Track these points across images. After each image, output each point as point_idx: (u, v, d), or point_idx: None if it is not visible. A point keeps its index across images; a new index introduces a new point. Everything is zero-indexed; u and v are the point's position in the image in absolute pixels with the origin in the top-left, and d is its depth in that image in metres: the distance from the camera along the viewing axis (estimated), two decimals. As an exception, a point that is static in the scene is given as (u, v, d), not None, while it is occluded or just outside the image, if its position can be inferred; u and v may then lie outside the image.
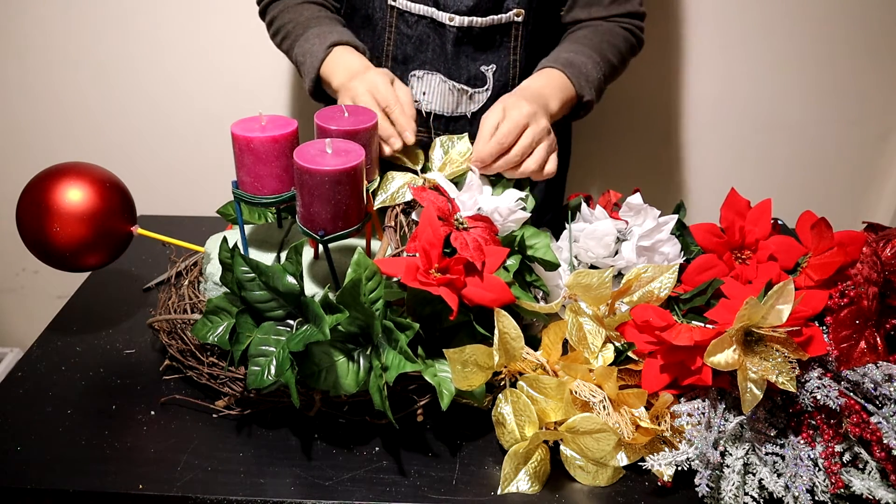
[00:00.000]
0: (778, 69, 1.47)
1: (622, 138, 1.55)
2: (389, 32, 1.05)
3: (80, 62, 1.46)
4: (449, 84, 1.05)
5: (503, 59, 1.06)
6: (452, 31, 1.02)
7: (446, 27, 1.02)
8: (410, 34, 1.04)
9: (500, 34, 1.04)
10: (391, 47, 1.06)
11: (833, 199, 1.62)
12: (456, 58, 1.04)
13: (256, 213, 0.92)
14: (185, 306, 0.83)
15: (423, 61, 1.06)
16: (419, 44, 1.05)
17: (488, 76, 1.06)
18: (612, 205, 0.97)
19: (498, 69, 1.06)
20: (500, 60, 1.06)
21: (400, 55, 1.06)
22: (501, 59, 1.06)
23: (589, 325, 0.76)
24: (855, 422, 0.68)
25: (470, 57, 1.05)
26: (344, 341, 0.72)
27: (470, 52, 1.04)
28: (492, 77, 1.06)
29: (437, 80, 1.05)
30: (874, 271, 0.73)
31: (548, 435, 0.71)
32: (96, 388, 0.81)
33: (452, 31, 1.02)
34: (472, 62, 1.05)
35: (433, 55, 1.05)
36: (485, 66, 1.05)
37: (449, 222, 0.78)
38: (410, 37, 1.05)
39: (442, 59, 1.05)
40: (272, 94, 1.49)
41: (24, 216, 0.81)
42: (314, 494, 0.69)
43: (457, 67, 1.05)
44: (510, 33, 1.04)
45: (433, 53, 1.05)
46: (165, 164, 1.57)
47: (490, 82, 1.06)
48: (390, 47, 1.06)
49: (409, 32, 1.04)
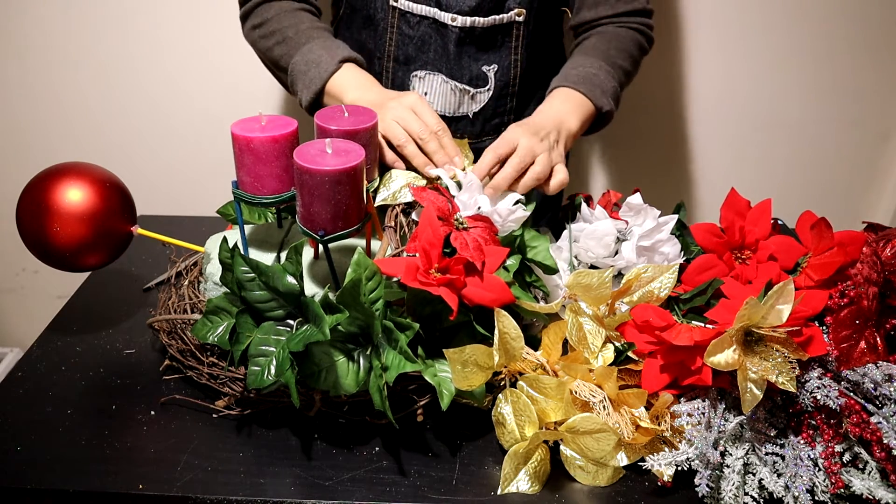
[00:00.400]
0: (778, 68, 1.47)
1: (622, 138, 1.55)
2: (391, 33, 1.05)
3: (80, 62, 1.46)
4: (451, 84, 1.05)
5: (504, 59, 1.06)
6: (455, 32, 1.02)
7: (448, 27, 1.02)
8: (412, 35, 1.04)
9: (501, 34, 1.04)
10: (393, 48, 1.06)
11: (833, 199, 1.62)
12: (458, 58, 1.04)
13: (256, 213, 0.92)
14: (185, 306, 0.83)
15: (425, 62, 1.06)
16: (421, 44, 1.05)
17: (490, 76, 1.06)
18: (612, 205, 0.97)
19: (499, 69, 1.06)
20: (502, 60, 1.06)
21: (402, 56, 1.06)
22: (503, 58, 1.06)
23: (589, 325, 0.76)
24: (855, 422, 0.68)
25: (472, 57, 1.05)
26: (344, 341, 0.72)
27: (472, 53, 1.04)
28: (493, 77, 1.06)
29: (438, 81, 1.05)
30: (874, 271, 0.73)
31: (548, 435, 0.71)
32: (96, 388, 0.81)
33: (455, 32, 1.02)
34: (474, 62, 1.05)
35: (435, 56, 1.05)
36: (486, 65, 1.05)
37: (449, 222, 0.78)
38: (412, 37, 1.04)
39: (444, 59, 1.05)
40: (272, 94, 1.49)
41: (24, 216, 0.81)
42: (314, 494, 0.69)
43: (459, 68, 1.05)
44: (511, 33, 1.04)
45: (435, 54, 1.05)
46: (165, 164, 1.57)
47: (492, 82, 1.07)
48: (392, 48, 1.06)
49: (411, 33, 1.04)
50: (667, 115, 1.53)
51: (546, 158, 0.88)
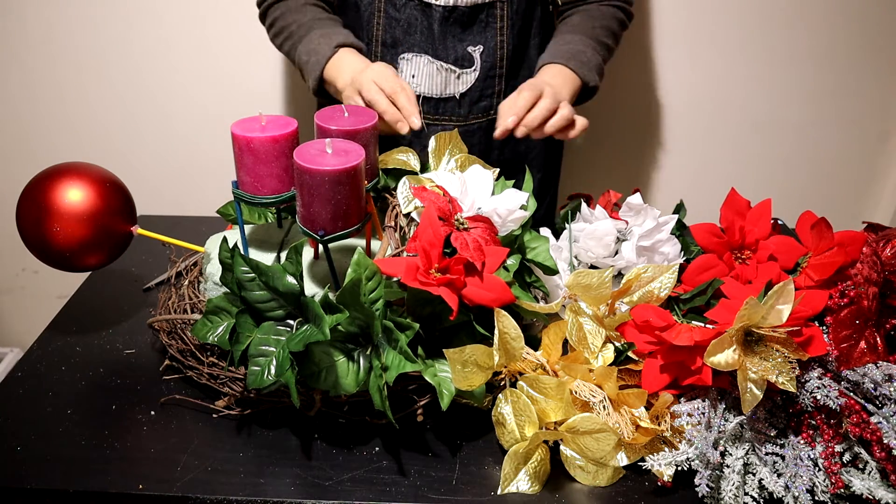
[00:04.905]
0: (778, 69, 1.47)
1: (622, 138, 1.55)
2: (378, 17, 1.07)
3: (80, 62, 1.47)
4: (436, 65, 1.07)
5: (490, 40, 1.08)
6: (438, 11, 1.05)
7: (433, 7, 1.04)
8: (399, 17, 1.06)
9: (485, 14, 1.06)
10: (380, 31, 1.08)
11: (833, 199, 1.62)
12: (443, 38, 1.06)
13: (256, 213, 0.92)
14: (185, 306, 0.83)
15: (412, 44, 1.08)
16: (407, 27, 1.07)
17: (476, 56, 1.08)
18: (612, 205, 0.97)
19: (485, 49, 1.08)
20: (487, 41, 1.08)
21: (389, 39, 1.08)
22: (488, 39, 1.08)
23: (589, 325, 0.76)
24: (855, 422, 0.68)
25: (457, 37, 1.07)
26: (344, 341, 0.72)
27: (457, 33, 1.07)
28: (479, 57, 1.08)
29: (424, 62, 1.07)
30: (874, 271, 0.73)
31: (548, 435, 0.71)
32: (96, 388, 0.81)
33: (438, 11, 1.05)
34: (459, 42, 1.07)
35: (421, 37, 1.07)
36: (472, 46, 1.07)
37: (449, 222, 0.78)
38: (399, 20, 1.07)
39: (429, 40, 1.07)
40: (272, 94, 1.49)
41: (24, 216, 0.81)
42: (314, 494, 0.69)
43: (444, 48, 1.07)
44: (495, 13, 1.07)
45: (421, 35, 1.07)
46: (165, 164, 1.57)
47: (477, 63, 1.09)
48: (379, 31, 1.08)
49: (398, 16, 1.06)
50: (667, 116, 1.53)
51: (568, 105, 0.95)
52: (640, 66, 1.47)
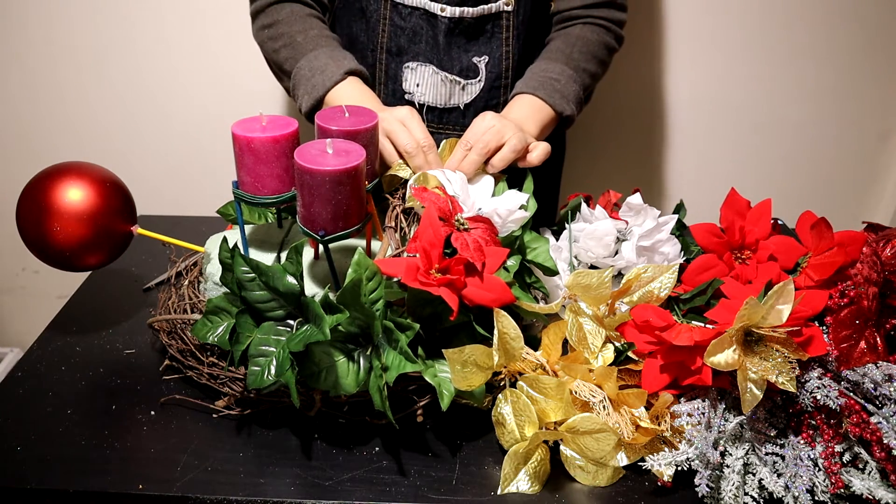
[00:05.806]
0: (778, 68, 1.47)
1: (621, 138, 1.55)
2: (383, 25, 1.06)
3: (80, 62, 1.47)
4: (441, 75, 1.06)
5: (495, 51, 1.07)
6: (444, 22, 1.03)
7: (438, 18, 1.03)
8: (404, 26, 1.05)
9: (491, 24, 1.05)
10: (385, 40, 1.07)
11: (833, 199, 1.62)
12: (448, 49, 1.05)
13: (256, 213, 0.92)
14: (185, 306, 0.83)
15: (417, 53, 1.07)
16: (412, 35, 1.06)
17: (480, 67, 1.07)
18: (612, 205, 0.97)
19: (490, 60, 1.07)
20: (493, 52, 1.07)
21: (394, 47, 1.07)
22: (494, 50, 1.07)
23: (589, 325, 0.76)
24: (855, 422, 0.68)
25: (462, 48, 1.06)
26: (344, 341, 0.72)
27: (462, 44, 1.06)
28: (484, 68, 1.07)
29: (429, 72, 1.06)
30: (874, 271, 0.73)
31: (548, 435, 0.71)
32: (96, 388, 0.81)
33: (444, 22, 1.03)
34: (464, 53, 1.06)
35: (426, 47, 1.06)
36: (477, 57, 1.06)
37: (450, 223, 0.78)
38: (404, 29, 1.05)
39: (434, 50, 1.06)
40: (273, 94, 1.49)
41: (24, 216, 0.81)
42: (314, 494, 0.69)
43: (449, 59, 1.06)
44: (501, 24, 1.05)
45: (426, 45, 1.06)
46: (165, 164, 1.57)
47: (482, 73, 1.07)
48: (384, 40, 1.07)
49: (403, 24, 1.05)
50: (667, 116, 1.53)
51: (519, 135, 0.90)
52: (640, 66, 1.47)
